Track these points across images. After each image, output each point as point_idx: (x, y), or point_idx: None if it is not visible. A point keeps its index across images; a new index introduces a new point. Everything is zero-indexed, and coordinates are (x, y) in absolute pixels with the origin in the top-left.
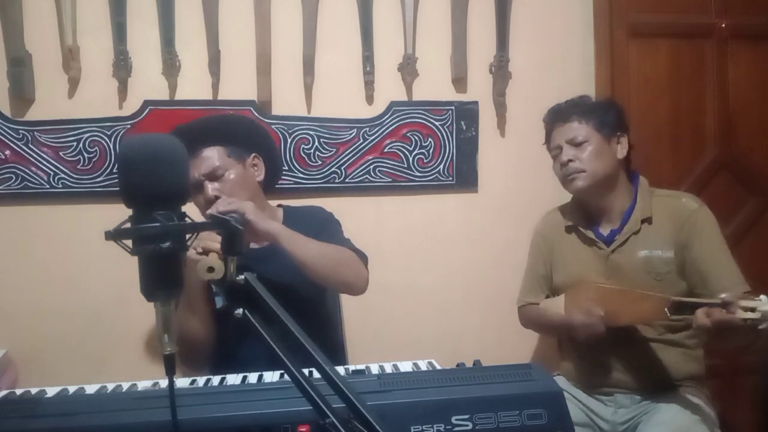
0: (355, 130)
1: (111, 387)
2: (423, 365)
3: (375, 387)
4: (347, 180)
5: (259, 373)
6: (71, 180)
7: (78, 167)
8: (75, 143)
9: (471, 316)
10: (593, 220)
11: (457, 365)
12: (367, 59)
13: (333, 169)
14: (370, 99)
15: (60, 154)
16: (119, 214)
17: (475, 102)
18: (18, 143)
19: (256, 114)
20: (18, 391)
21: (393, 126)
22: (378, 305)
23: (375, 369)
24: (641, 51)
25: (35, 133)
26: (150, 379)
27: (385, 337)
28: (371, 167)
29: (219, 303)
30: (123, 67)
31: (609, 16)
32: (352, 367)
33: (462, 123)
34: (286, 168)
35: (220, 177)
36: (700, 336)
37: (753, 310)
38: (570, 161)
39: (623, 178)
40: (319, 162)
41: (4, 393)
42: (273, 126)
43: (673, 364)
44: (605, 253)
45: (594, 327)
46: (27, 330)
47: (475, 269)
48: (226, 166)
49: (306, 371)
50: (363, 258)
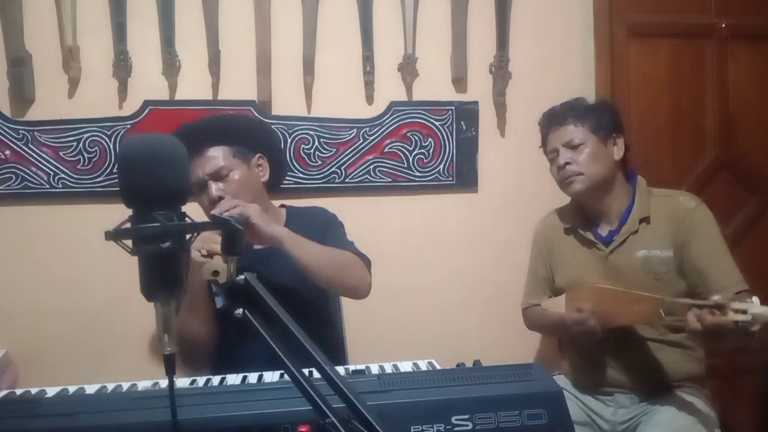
0: (355, 130)
1: (111, 387)
2: (423, 365)
3: (375, 387)
4: (347, 180)
5: (259, 373)
6: (71, 180)
7: (78, 167)
8: (75, 143)
9: (471, 316)
10: (592, 221)
11: (457, 365)
12: (367, 59)
13: (333, 169)
14: (370, 99)
15: (60, 154)
16: (119, 214)
17: (475, 102)
18: (18, 143)
19: (256, 114)
20: (18, 391)
21: (393, 126)
22: (378, 305)
23: (375, 369)
24: (641, 51)
25: (35, 133)
26: (150, 379)
27: (385, 337)
28: (371, 167)
29: (219, 303)
30: (123, 67)
31: (609, 16)
32: (352, 367)
33: (462, 123)
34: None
35: (224, 177)
36: (693, 338)
37: (744, 312)
38: (567, 164)
39: (621, 178)
40: (319, 162)
41: (4, 393)
42: (273, 126)
43: (674, 364)
44: (604, 254)
45: (585, 324)
46: (27, 330)
47: (475, 269)
48: (230, 166)
49: (306, 371)
50: (366, 262)
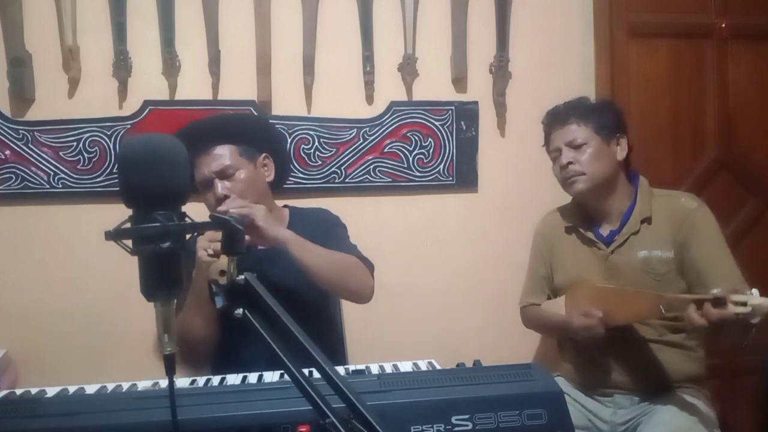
0: (355, 130)
1: (111, 387)
2: (423, 365)
3: (375, 387)
4: (347, 180)
5: (259, 373)
6: (71, 180)
7: (78, 167)
8: (75, 143)
9: (471, 316)
10: (593, 221)
11: (457, 365)
12: (367, 59)
13: (333, 169)
14: (370, 99)
15: (60, 154)
16: (119, 214)
17: (475, 102)
18: (18, 143)
19: (256, 114)
20: (18, 391)
21: (393, 126)
22: (378, 305)
23: (375, 369)
24: (641, 51)
25: (35, 133)
26: (150, 379)
27: (386, 338)
28: (371, 167)
29: (219, 303)
30: (123, 67)
31: (609, 16)
32: (352, 367)
33: (462, 123)
34: None
35: (230, 176)
36: (695, 333)
37: (744, 304)
38: (570, 164)
39: (623, 178)
40: (319, 162)
41: (4, 393)
42: None
43: (673, 365)
44: (605, 254)
45: (593, 329)
46: (27, 330)
47: (475, 269)
48: (237, 165)
49: (306, 371)
50: (369, 266)
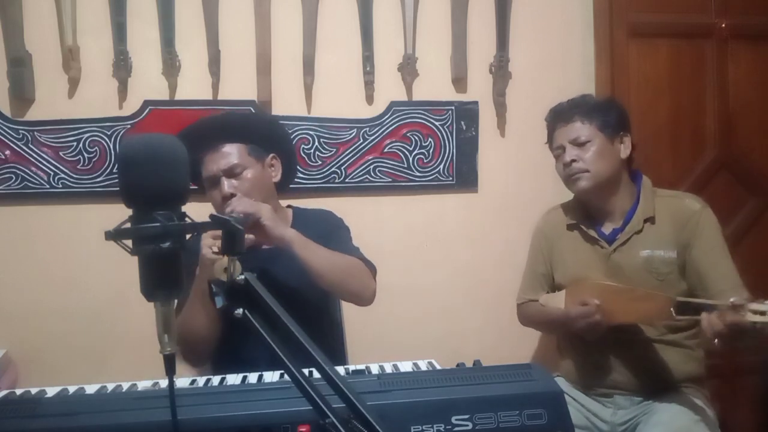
0: (355, 130)
1: (111, 387)
2: (423, 365)
3: (375, 387)
4: (347, 180)
5: (259, 373)
6: (71, 180)
7: (78, 167)
8: (75, 143)
9: (471, 316)
10: (595, 219)
11: (457, 365)
12: (367, 59)
13: (333, 169)
14: (370, 99)
15: (60, 154)
16: (119, 214)
17: (475, 102)
18: (18, 143)
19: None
20: (18, 391)
21: (393, 126)
22: (378, 305)
23: (375, 369)
24: (641, 51)
25: (35, 133)
26: (150, 379)
27: (386, 338)
28: (371, 167)
29: (219, 303)
30: (123, 67)
31: (609, 16)
32: (352, 367)
33: (462, 123)
34: None
35: (238, 174)
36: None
37: (763, 313)
38: (573, 161)
39: (626, 177)
40: (319, 162)
41: (4, 393)
42: None
43: (673, 364)
44: (607, 252)
45: (591, 317)
46: (27, 330)
47: (475, 269)
48: (245, 164)
49: (306, 371)
50: (372, 269)
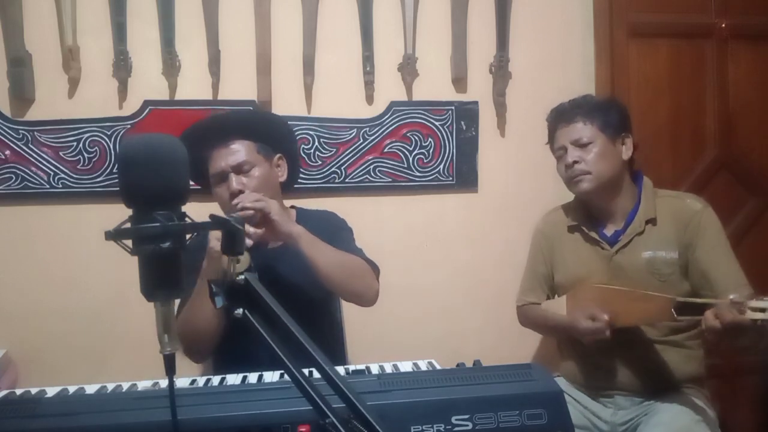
0: (355, 130)
1: (111, 387)
2: (423, 365)
3: (375, 387)
4: (347, 180)
5: (259, 373)
6: (71, 180)
7: (78, 167)
8: (75, 143)
9: (471, 316)
10: (597, 220)
11: (457, 365)
12: (367, 59)
13: (333, 169)
14: (370, 99)
15: (60, 154)
16: (119, 214)
17: (475, 102)
18: (18, 143)
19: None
20: (18, 391)
21: (393, 126)
22: (378, 305)
23: (375, 369)
24: (641, 51)
25: (35, 133)
26: (150, 379)
27: (386, 338)
28: (371, 167)
29: (219, 303)
30: (123, 67)
31: (609, 16)
32: (352, 367)
33: (462, 123)
34: None
35: (246, 171)
36: (708, 337)
37: (762, 310)
38: (575, 163)
39: (627, 178)
40: (319, 162)
41: (4, 393)
42: None
43: (674, 365)
44: (608, 254)
45: (600, 332)
46: (27, 330)
47: (475, 269)
48: (254, 161)
49: (306, 371)
50: (375, 270)
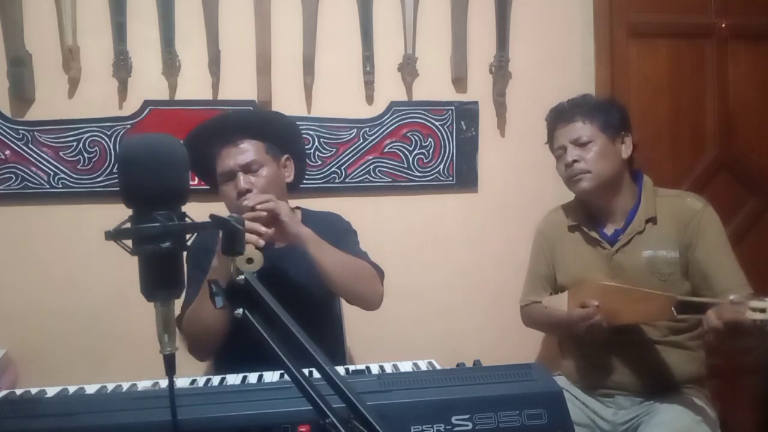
0: (355, 130)
1: (111, 387)
2: (423, 365)
3: (375, 387)
4: (347, 180)
5: (259, 373)
6: (71, 180)
7: (78, 167)
8: (75, 143)
9: (471, 316)
10: (597, 219)
11: (457, 365)
12: (367, 59)
13: (333, 169)
14: (370, 99)
15: (60, 154)
16: (119, 214)
17: (475, 102)
18: (18, 143)
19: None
20: (18, 391)
21: (393, 126)
22: None
23: (375, 369)
24: (641, 51)
25: (35, 133)
26: (150, 379)
27: (385, 337)
28: (371, 167)
29: (219, 303)
30: (123, 67)
31: (609, 16)
32: (352, 367)
33: (462, 123)
34: None
35: (254, 171)
36: (709, 337)
37: (763, 310)
38: (575, 162)
39: (627, 178)
40: (319, 162)
41: (4, 393)
42: None
43: (674, 365)
44: (609, 253)
45: (591, 319)
46: (27, 330)
47: (475, 269)
48: (262, 161)
49: (306, 371)
50: (380, 274)
